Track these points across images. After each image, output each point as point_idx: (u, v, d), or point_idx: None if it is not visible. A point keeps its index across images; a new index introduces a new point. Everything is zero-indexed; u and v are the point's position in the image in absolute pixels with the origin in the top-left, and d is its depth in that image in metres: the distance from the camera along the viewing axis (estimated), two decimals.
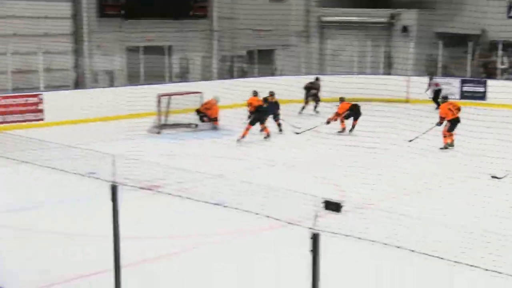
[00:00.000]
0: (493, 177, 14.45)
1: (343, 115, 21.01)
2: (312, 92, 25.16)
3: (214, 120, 21.43)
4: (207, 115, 21.37)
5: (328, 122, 20.67)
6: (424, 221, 10.02)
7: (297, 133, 19.88)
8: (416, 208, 11.86)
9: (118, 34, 25.61)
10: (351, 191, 13.32)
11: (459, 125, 17.21)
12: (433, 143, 14.92)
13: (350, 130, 20.88)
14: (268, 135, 19.50)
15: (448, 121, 18.24)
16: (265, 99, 20.12)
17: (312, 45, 30.47)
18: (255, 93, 20.68)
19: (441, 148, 17.63)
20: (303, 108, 24.58)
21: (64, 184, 12.56)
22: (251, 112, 19.78)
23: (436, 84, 26.07)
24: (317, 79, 25.72)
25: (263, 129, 19.62)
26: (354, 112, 21.02)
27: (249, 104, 20.03)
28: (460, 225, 10.52)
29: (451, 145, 17.81)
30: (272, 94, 21.14)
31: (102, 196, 8.54)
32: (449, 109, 18.45)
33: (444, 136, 18.04)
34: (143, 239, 11.66)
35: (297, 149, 16.01)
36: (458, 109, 18.35)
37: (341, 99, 21.45)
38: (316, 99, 25.09)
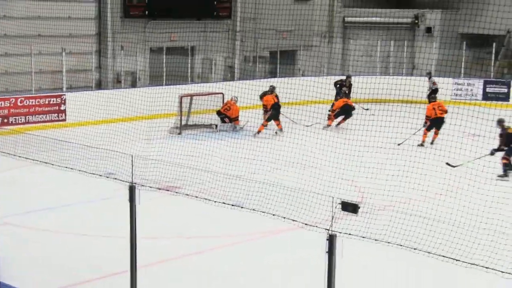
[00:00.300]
0: (447, 164, 15.41)
1: (335, 112, 22.29)
2: (343, 90, 25.33)
3: (235, 119, 21.48)
4: (227, 116, 21.42)
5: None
6: (442, 223, 9.95)
7: (307, 126, 19.99)
8: (435, 210, 11.80)
9: (142, 35, 25.76)
10: (370, 192, 13.26)
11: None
12: (457, 144, 14.83)
13: (336, 126, 22.29)
14: (281, 130, 20.83)
15: (430, 120, 19.31)
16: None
17: (335, 45, 30.38)
18: (272, 90, 21.32)
19: (418, 145, 18.65)
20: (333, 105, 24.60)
21: (83, 184, 12.65)
22: (267, 109, 21.14)
23: (434, 83, 26.14)
24: (348, 76, 26.08)
25: (278, 125, 21.10)
26: (344, 111, 22.22)
27: (265, 101, 21.43)
28: (482, 228, 10.44)
29: (422, 143, 18.82)
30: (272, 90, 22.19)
31: (121, 196, 8.59)
32: (434, 108, 19.55)
33: (424, 134, 19.21)
34: (160, 239, 11.71)
35: (316, 149, 15.96)
36: (444, 111, 19.20)
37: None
38: (347, 97, 25.14)
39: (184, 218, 12.80)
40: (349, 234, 7.37)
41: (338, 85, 25.62)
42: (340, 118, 22.50)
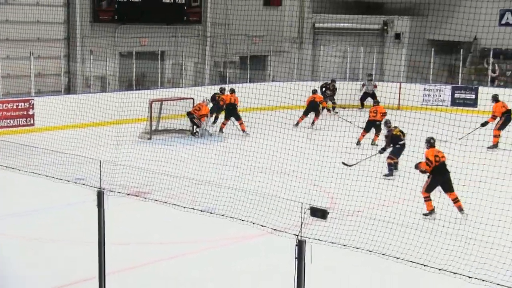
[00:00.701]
0: (343, 163, 16.17)
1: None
2: (327, 93, 26.46)
3: (201, 116, 21.39)
4: (195, 116, 21.39)
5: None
6: (409, 228, 10.03)
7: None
8: (406, 216, 11.89)
9: (111, 39, 25.63)
10: (340, 198, 13.33)
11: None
12: (422, 150, 14.96)
13: (312, 123, 23.43)
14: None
15: (367, 122, 20.55)
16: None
17: (305, 51, 30.50)
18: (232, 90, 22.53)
19: (356, 144, 19.69)
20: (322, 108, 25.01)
21: (51, 190, 12.55)
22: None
23: (375, 86, 26.98)
24: (333, 81, 27.02)
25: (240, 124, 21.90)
26: (311, 107, 23.41)
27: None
28: (449, 234, 10.54)
29: (358, 143, 19.92)
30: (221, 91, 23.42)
31: (89, 202, 8.54)
32: (372, 111, 20.62)
33: (362, 135, 20.33)
34: (129, 245, 11.65)
35: (288, 154, 16.01)
36: (383, 114, 20.14)
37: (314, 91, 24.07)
38: (332, 101, 26.60)
39: (153, 224, 12.75)
40: (318, 239, 7.40)
41: (323, 89, 26.60)
42: (312, 116, 23.53)
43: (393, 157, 16.81)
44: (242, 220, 8.23)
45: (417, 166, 13.45)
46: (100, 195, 8.21)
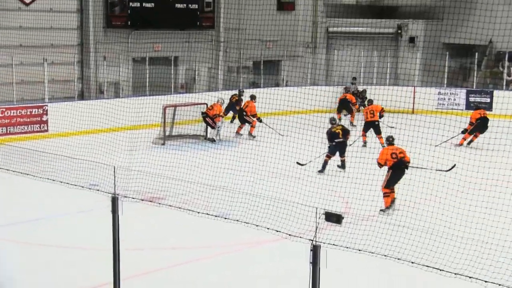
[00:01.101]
0: (297, 163, 16.46)
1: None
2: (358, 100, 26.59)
3: (215, 117, 21.41)
4: (208, 115, 21.43)
5: None
6: (424, 232, 10.02)
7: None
8: (421, 221, 11.88)
9: (124, 45, 25.75)
10: (355, 203, 13.33)
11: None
12: (440, 155, 14.94)
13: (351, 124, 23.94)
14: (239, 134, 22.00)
15: (365, 123, 20.87)
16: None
17: (319, 56, 30.51)
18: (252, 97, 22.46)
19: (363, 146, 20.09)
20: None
21: (66, 196, 12.62)
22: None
23: (357, 90, 27.21)
24: (354, 80, 27.62)
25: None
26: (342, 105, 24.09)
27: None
28: (468, 238, 10.52)
29: (365, 145, 20.16)
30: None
31: (104, 208, 8.59)
32: (367, 112, 20.97)
33: (364, 137, 20.63)
34: (144, 250, 11.70)
35: (302, 160, 16.02)
36: (382, 111, 21.00)
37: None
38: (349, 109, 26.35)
39: (167, 229, 12.79)
40: (333, 244, 7.41)
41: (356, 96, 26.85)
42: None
43: (329, 154, 17.26)
44: (257, 226, 8.25)
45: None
46: (114, 201, 8.26)
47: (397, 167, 13.89)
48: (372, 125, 20.67)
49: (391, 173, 13.86)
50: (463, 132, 20.50)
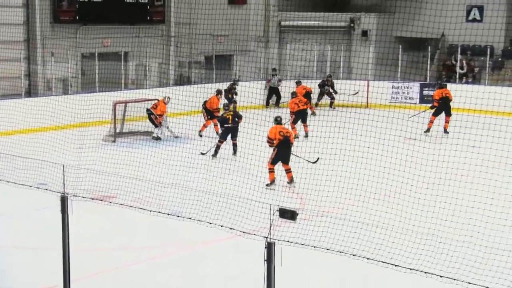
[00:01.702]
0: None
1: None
2: (326, 89, 27.13)
3: (159, 116, 21.21)
4: (153, 113, 21.26)
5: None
6: (380, 228, 10.09)
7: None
8: (376, 216, 11.97)
9: (73, 40, 25.41)
10: (310, 199, 13.37)
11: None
12: (395, 150, 15.08)
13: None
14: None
15: (293, 113, 21.11)
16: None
17: (271, 50, 30.54)
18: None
19: (294, 138, 19.59)
20: (316, 105, 26.53)
21: (13, 195, 12.40)
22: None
23: (279, 80, 27.62)
24: (330, 76, 27.65)
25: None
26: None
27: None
28: (423, 233, 10.62)
29: (296, 137, 19.89)
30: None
31: (53, 207, 8.45)
32: (295, 103, 21.23)
33: (292, 128, 20.35)
34: (95, 251, 11.56)
35: (255, 155, 16.02)
36: (305, 103, 21.52)
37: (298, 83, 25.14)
38: (331, 96, 27.11)
39: (118, 229, 12.66)
40: (288, 241, 7.41)
41: (324, 87, 27.20)
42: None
43: (221, 139, 18.37)
44: (210, 223, 8.22)
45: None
46: (63, 200, 8.14)
47: (283, 146, 15.36)
48: (302, 113, 21.33)
49: (277, 151, 15.31)
50: (431, 108, 21.93)
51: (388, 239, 9.64)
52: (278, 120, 16.14)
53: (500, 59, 28.36)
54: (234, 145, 18.42)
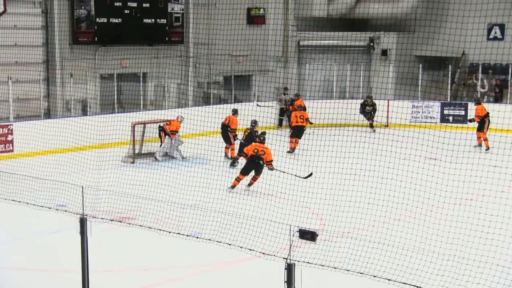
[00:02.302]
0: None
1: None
2: (367, 109, 27.09)
3: (172, 133, 21.28)
4: (164, 130, 21.35)
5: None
6: (402, 249, 10.06)
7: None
8: (397, 237, 11.93)
9: (91, 62, 25.64)
10: (330, 219, 13.35)
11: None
12: (414, 169, 15.04)
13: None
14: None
15: (292, 127, 22.31)
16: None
17: (290, 70, 30.63)
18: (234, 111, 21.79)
19: (287, 152, 21.31)
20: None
21: (33, 217, 12.50)
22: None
23: (291, 100, 26.93)
24: (368, 97, 27.48)
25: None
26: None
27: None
28: (445, 254, 10.58)
29: (292, 151, 21.59)
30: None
31: (72, 229, 8.52)
32: (296, 116, 22.51)
33: (290, 142, 21.83)
34: (114, 272, 11.61)
35: (275, 175, 16.05)
36: (306, 119, 22.65)
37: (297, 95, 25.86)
38: (371, 117, 27.17)
39: (138, 250, 12.71)
40: (308, 262, 7.42)
41: (364, 106, 27.20)
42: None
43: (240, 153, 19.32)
44: (229, 244, 8.25)
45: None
46: (82, 222, 8.21)
47: (252, 159, 17.03)
48: (299, 129, 22.46)
49: (246, 163, 17.22)
50: (470, 121, 22.80)
51: (409, 260, 9.60)
52: (261, 139, 17.52)
53: None
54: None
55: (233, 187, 17.01)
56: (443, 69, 28.97)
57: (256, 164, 17.12)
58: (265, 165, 17.11)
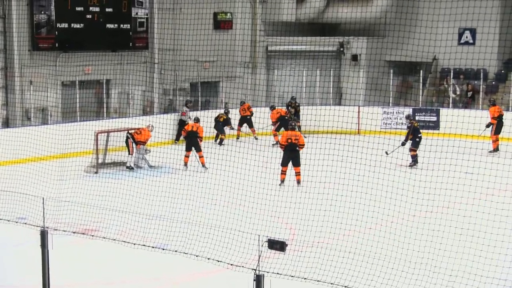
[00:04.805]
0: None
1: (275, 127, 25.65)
2: (289, 110, 27.26)
3: (140, 143, 21.27)
4: (134, 138, 21.30)
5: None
6: (373, 258, 10.15)
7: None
8: (368, 246, 12.03)
9: (52, 68, 25.45)
10: (300, 229, 13.41)
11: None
12: (385, 176, 15.17)
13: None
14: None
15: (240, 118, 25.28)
16: None
17: (259, 76, 30.71)
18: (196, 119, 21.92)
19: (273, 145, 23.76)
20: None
21: None
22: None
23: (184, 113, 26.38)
24: (292, 98, 27.88)
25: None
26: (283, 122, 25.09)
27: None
28: (417, 263, 10.68)
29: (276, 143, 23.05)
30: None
31: (33, 242, 8.47)
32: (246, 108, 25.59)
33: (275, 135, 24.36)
34: (77, 286, 11.54)
35: (243, 184, 16.07)
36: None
37: (272, 107, 26.41)
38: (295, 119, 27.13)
39: (102, 263, 12.63)
40: (277, 273, 7.46)
41: (288, 107, 27.34)
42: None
43: (414, 148, 20.17)
44: (197, 256, 8.26)
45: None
46: (43, 235, 8.16)
47: (288, 149, 18.13)
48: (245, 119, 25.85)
49: (283, 154, 18.18)
50: (488, 126, 22.88)
51: (381, 269, 9.69)
52: (293, 126, 19.15)
53: (493, 82, 28.64)
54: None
55: (282, 181, 18.03)
56: (414, 74, 29.26)
57: (293, 152, 18.13)
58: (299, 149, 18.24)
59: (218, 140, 25.73)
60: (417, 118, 27.36)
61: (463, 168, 13.81)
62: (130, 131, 21.47)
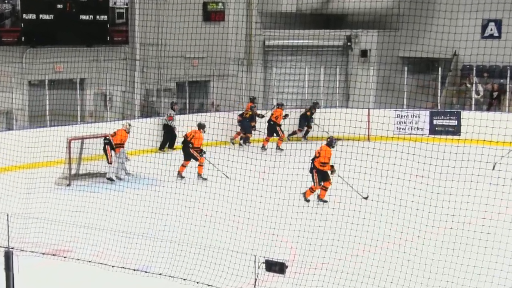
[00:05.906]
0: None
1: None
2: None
3: (117, 146, 21.30)
4: (111, 144, 21.34)
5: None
6: (385, 282, 10.20)
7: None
8: (379, 267, 12.07)
9: (17, 66, 25.46)
10: (301, 248, 13.45)
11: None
12: (399, 188, 15.21)
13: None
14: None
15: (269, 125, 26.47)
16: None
17: (255, 74, 30.76)
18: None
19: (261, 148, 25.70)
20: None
21: None
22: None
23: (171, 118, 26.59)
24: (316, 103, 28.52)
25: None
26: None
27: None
28: (423, 284, 10.73)
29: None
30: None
31: None
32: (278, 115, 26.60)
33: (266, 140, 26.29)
34: None
35: (238, 198, 16.11)
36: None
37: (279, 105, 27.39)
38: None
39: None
40: None
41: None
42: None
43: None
44: (184, 279, 8.30)
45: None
46: (8, 256, 8.19)
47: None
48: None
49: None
50: None
51: None
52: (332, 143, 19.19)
53: None
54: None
55: (324, 201, 17.92)
56: (431, 72, 29.30)
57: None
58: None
59: (242, 140, 27.32)
60: (435, 122, 27.47)
61: (487, 179, 13.88)
62: (107, 137, 21.48)
